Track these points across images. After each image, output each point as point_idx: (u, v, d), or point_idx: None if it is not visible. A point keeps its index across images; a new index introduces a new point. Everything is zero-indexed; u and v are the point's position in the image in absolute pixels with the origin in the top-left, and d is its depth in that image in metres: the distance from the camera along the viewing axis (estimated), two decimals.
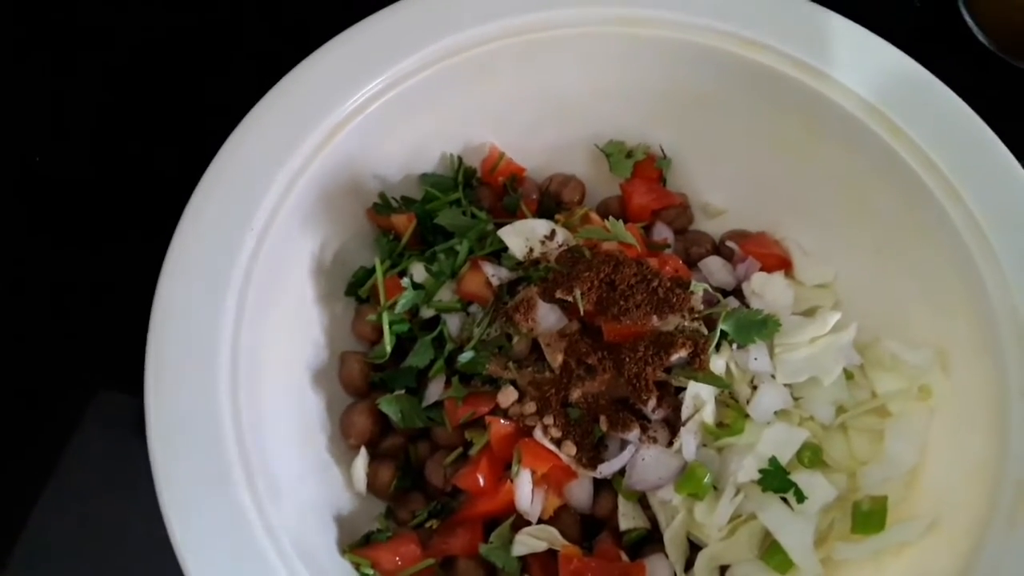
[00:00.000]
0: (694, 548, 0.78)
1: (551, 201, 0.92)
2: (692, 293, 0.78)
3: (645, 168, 0.93)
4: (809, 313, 0.86)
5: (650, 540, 0.78)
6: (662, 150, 0.94)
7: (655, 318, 0.76)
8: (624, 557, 0.76)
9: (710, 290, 0.82)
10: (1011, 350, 0.74)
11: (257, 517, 0.70)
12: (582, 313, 0.77)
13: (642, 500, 0.79)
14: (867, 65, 0.83)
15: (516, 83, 0.90)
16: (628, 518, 0.77)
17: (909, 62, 0.84)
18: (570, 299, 0.76)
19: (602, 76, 0.91)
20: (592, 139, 0.95)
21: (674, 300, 0.76)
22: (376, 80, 0.83)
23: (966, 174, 0.80)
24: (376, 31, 0.84)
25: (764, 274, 0.87)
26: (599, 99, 0.93)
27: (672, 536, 0.76)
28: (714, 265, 0.88)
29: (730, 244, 0.91)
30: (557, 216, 0.88)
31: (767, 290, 0.85)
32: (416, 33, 0.84)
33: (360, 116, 0.83)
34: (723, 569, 0.77)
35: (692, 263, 0.90)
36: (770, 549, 0.75)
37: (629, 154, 0.94)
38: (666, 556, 0.76)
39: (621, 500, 0.78)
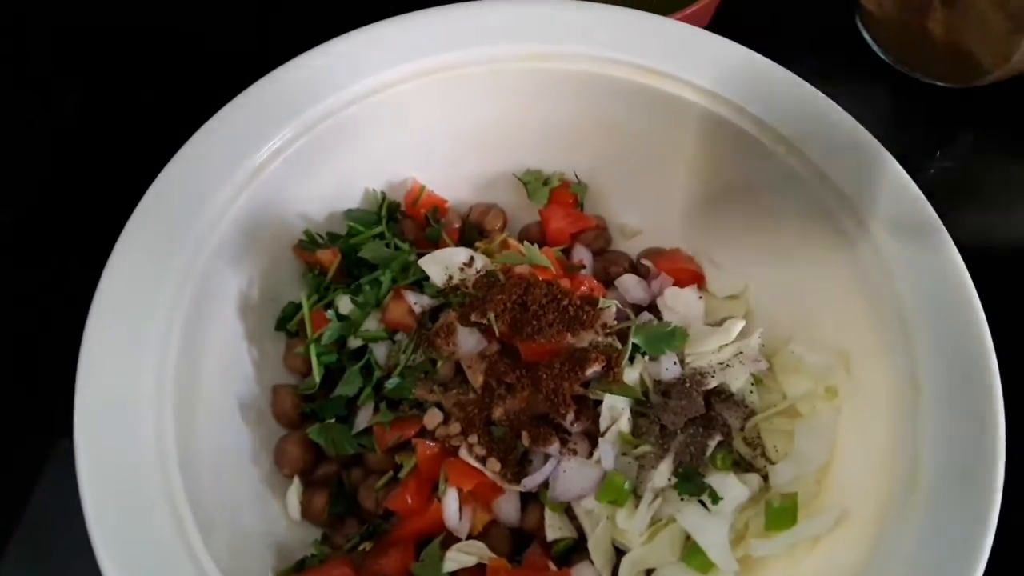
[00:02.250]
0: (621, 554, 0.80)
1: (473, 230, 0.96)
2: (603, 309, 0.82)
3: (561, 194, 0.97)
4: (723, 323, 0.90)
5: (578, 549, 0.81)
6: (576, 176, 0.99)
7: (568, 335, 0.80)
8: (552, 567, 0.79)
9: (620, 306, 0.86)
10: (899, 350, 0.77)
11: (185, 554, 0.71)
12: (498, 335, 0.80)
13: (568, 511, 0.81)
14: (761, 88, 0.88)
15: (434, 120, 0.94)
16: (555, 528, 0.80)
17: (799, 83, 0.88)
18: (485, 322, 0.80)
19: (516, 109, 0.95)
20: (512, 169, 1.00)
21: (584, 317, 0.80)
22: (293, 123, 0.86)
23: (858, 186, 0.83)
24: (292, 76, 0.87)
25: (676, 288, 0.91)
26: (515, 131, 0.97)
27: (596, 543, 0.79)
28: (629, 283, 0.92)
29: (645, 262, 0.95)
30: (477, 244, 0.91)
31: (678, 303, 0.89)
32: (332, 77, 0.88)
33: (280, 158, 0.86)
34: (648, 573, 0.80)
35: (610, 282, 0.94)
36: (690, 551, 0.78)
37: (546, 182, 0.98)
38: (592, 563, 0.79)
39: (547, 512, 0.80)
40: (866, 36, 1.16)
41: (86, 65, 1.14)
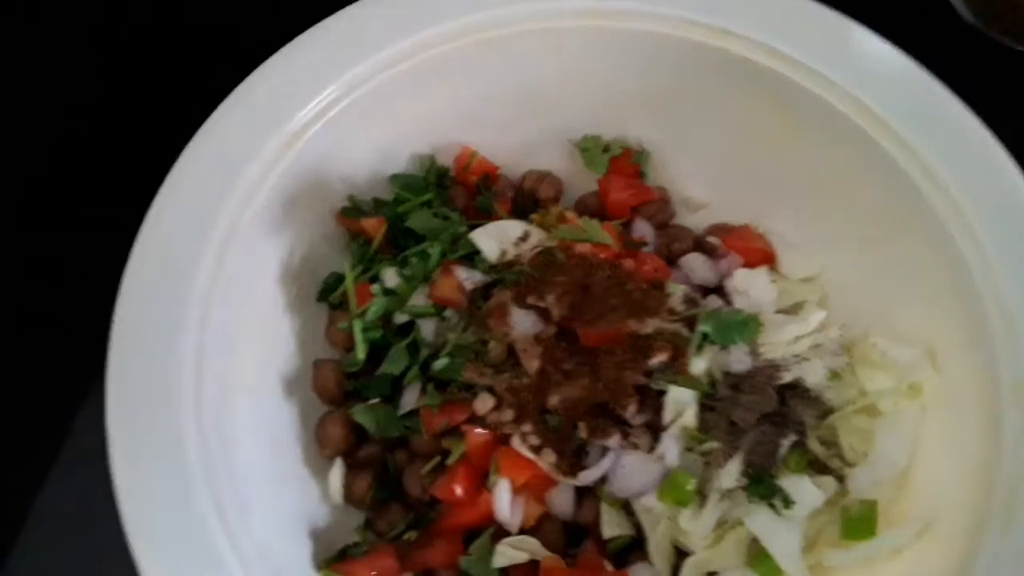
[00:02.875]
0: (681, 555, 0.75)
1: (526, 199, 0.90)
2: (670, 295, 0.76)
3: (622, 163, 0.91)
4: (794, 308, 0.84)
5: (636, 547, 0.76)
6: (640, 144, 0.92)
7: (632, 321, 0.74)
8: (608, 566, 0.74)
9: (690, 291, 0.80)
10: (1000, 344, 0.71)
11: (222, 533, 0.67)
12: (556, 318, 0.74)
13: (627, 507, 0.76)
14: (846, 54, 0.81)
15: (487, 80, 0.87)
16: (611, 526, 0.75)
17: (889, 48, 0.81)
18: (543, 305, 0.74)
19: (576, 70, 0.88)
20: (567, 134, 0.93)
21: (650, 303, 0.74)
22: (340, 80, 0.80)
23: (950, 163, 0.77)
24: (339, 31, 0.81)
25: (747, 270, 0.84)
26: (573, 94, 0.90)
27: (657, 544, 0.74)
28: (695, 262, 0.86)
29: (712, 239, 0.88)
30: (532, 215, 0.85)
31: (750, 287, 0.83)
32: (382, 31, 0.82)
33: (325, 118, 0.80)
34: None
35: (673, 260, 0.87)
36: (757, 556, 0.73)
37: (605, 149, 0.91)
38: (652, 564, 0.74)
39: (604, 507, 0.75)
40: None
41: (120, 24, 1.08)
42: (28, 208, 0.99)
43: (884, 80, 0.80)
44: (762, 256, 0.87)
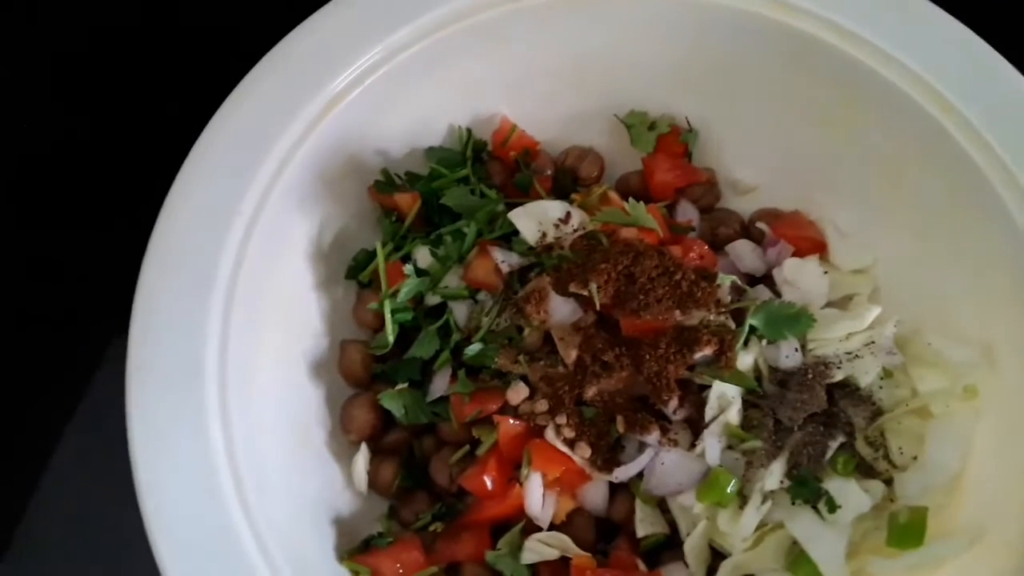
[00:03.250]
0: (717, 556, 0.73)
1: (567, 177, 0.86)
2: (718, 286, 0.72)
3: (669, 142, 0.87)
4: (845, 301, 0.80)
5: (669, 546, 0.74)
6: (688, 122, 0.88)
7: (678, 313, 0.70)
8: (641, 565, 0.72)
9: (738, 281, 0.76)
10: None
11: (243, 518, 0.66)
12: (598, 307, 0.71)
13: (662, 504, 0.74)
14: (916, 34, 0.76)
15: (530, 49, 0.84)
16: (646, 524, 0.72)
17: (963, 30, 0.77)
18: (585, 293, 0.70)
19: (623, 41, 0.84)
20: (612, 109, 0.89)
21: (698, 294, 0.71)
22: (376, 47, 0.77)
23: (1021, 154, 0.73)
24: None
25: (797, 260, 0.80)
26: (620, 66, 0.86)
27: (693, 545, 0.71)
28: (743, 249, 0.82)
29: (760, 225, 0.84)
30: (573, 195, 0.82)
31: (800, 278, 0.79)
32: None
33: (360, 87, 0.77)
34: None
35: (719, 246, 0.84)
36: (797, 560, 0.70)
37: (652, 126, 0.87)
38: (686, 565, 0.71)
39: (639, 504, 0.73)
40: None
41: (120, 22, 1.05)
42: (28, 207, 0.97)
43: (955, 62, 0.76)
44: (813, 245, 0.83)
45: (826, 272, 0.80)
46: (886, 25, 0.77)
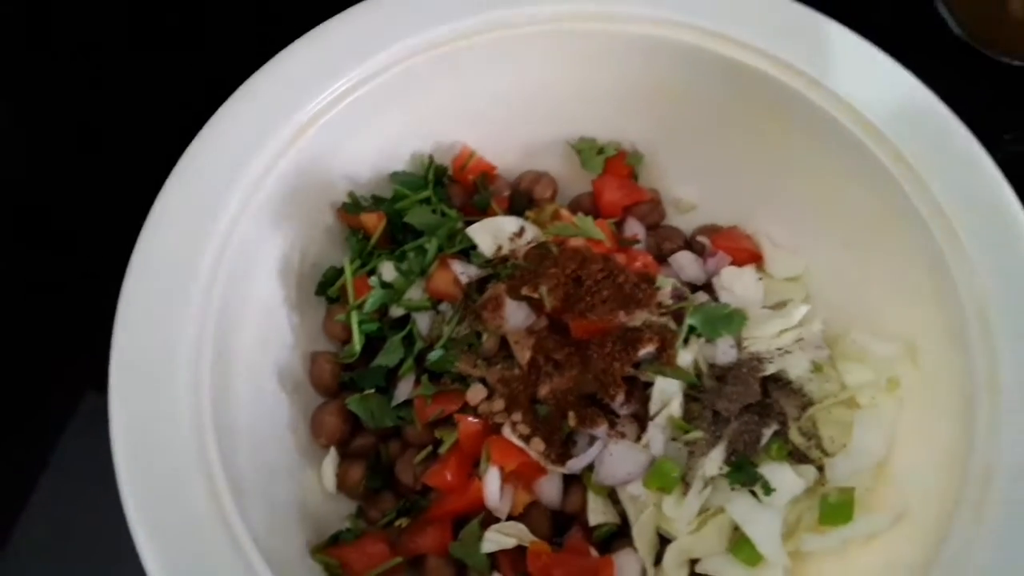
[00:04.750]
0: (665, 542, 0.77)
1: (523, 198, 0.92)
2: (659, 288, 0.78)
3: (616, 164, 0.93)
4: (780, 306, 0.86)
5: (621, 535, 0.78)
6: (633, 146, 0.94)
7: (622, 313, 0.76)
8: (594, 552, 0.76)
9: (678, 285, 0.82)
10: (977, 342, 0.73)
11: (218, 521, 0.69)
12: (548, 310, 0.77)
13: (612, 495, 0.79)
14: (840, 61, 0.83)
15: (487, 81, 0.90)
16: (598, 513, 0.77)
17: (881, 55, 0.84)
18: (536, 296, 0.76)
19: (574, 73, 0.90)
20: (565, 136, 0.95)
21: (640, 295, 0.76)
22: (343, 78, 0.82)
23: (935, 167, 0.79)
24: (343, 29, 0.83)
25: (734, 268, 0.87)
26: (571, 96, 0.93)
27: (641, 530, 0.76)
28: (684, 260, 0.88)
29: (701, 239, 0.91)
30: (528, 213, 0.88)
31: (736, 284, 0.85)
32: (384, 30, 0.84)
33: (327, 115, 0.82)
34: (693, 563, 0.77)
35: (664, 258, 0.90)
36: (739, 542, 0.75)
37: (600, 151, 0.94)
38: (636, 550, 0.76)
39: (591, 495, 0.78)
40: (942, 11, 1.10)
41: (124, 23, 1.11)
42: (24, 216, 1.01)
43: (874, 86, 0.82)
44: (749, 256, 0.89)
45: (760, 279, 0.86)
46: (812, 54, 0.84)
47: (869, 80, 0.83)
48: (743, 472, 0.75)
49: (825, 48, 0.84)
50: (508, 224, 0.84)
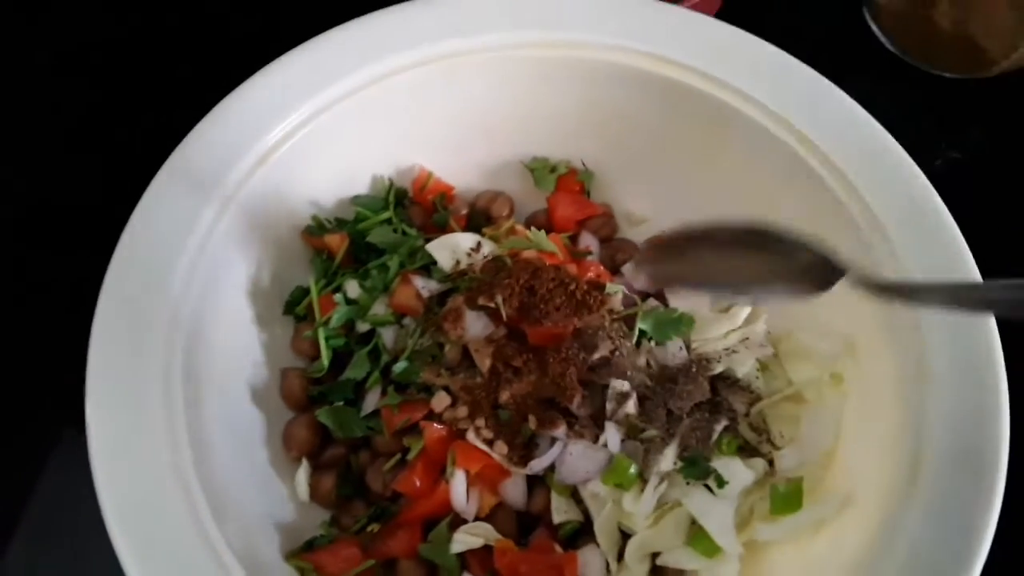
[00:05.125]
0: (627, 537, 0.81)
1: (480, 216, 0.97)
2: (610, 295, 0.82)
3: (568, 182, 0.98)
4: (729, 310, 0.91)
5: (584, 532, 0.81)
6: (583, 164, 0.99)
7: (575, 320, 0.80)
8: (559, 549, 0.80)
9: (626, 291, 0.86)
10: (906, 334, 0.78)
11: (197, 536, 0.71)
12: (506, 319, 0.81)
13: (575, 494, 0.82)
14: (770, 75, 0.88)
15: (442, 106, 0.94)
16: (561, 512, 0.81)
17: (813, 73, 0.89)
18: (493, 305, 0.80)
19: (523, 96, 0.95)
20: (519, 157, 1.00)
21: (591, 302, 0.80)
22: (302, 109, 0.86)
23: (865, 174, 0.84)
24: (303, 60, 0.87)
25: None
26: (522, 118, 0.97)
27: (602, 526, 0.79)
28: None
29: None
30: (484, 229, 0.92)
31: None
32: (340, 62, 0.88)
33: (289, 142, 0.86)
34: (654, 556, 0.80)
35: (617, 269, 0.94)
36: (696, 534, 0.79)
37: (552, 169, 0.98)
38: (599, 546, 0.80)
39: (554, 495, 0.81)
40: (873, 27, 1.16)
41: (94, 54, 1.15)
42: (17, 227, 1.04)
43: (809, 102, 0.87)
44: None
45: None
46: (746, 72, 0.89)
47: (798, 94, 0.88)
48: (696, 466, 0.79)
49: (756, 65, 0.90)
50: (465, 240, 0.88)
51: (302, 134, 0.87)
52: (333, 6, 0.93)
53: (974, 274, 0.79)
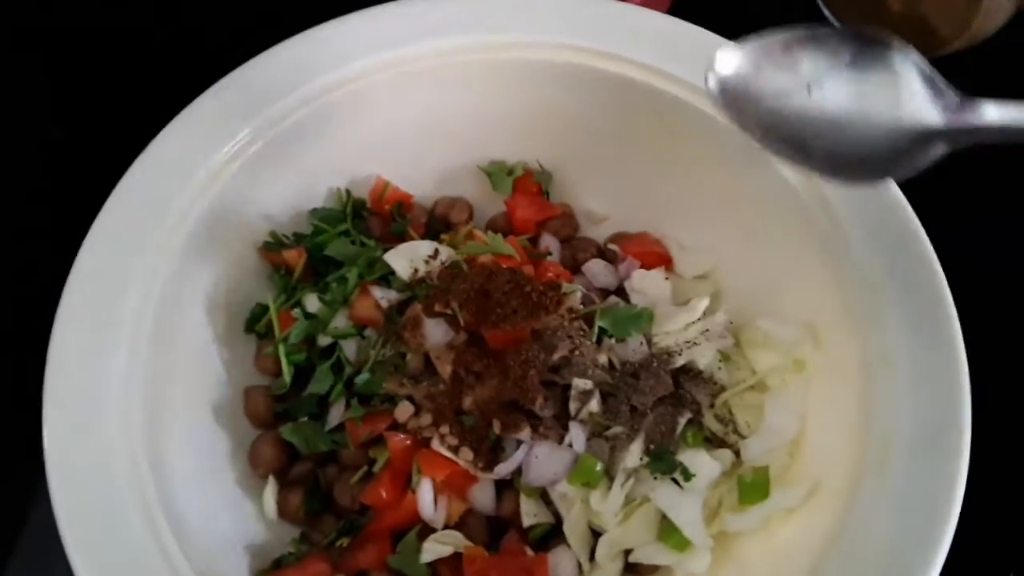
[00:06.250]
0: (598, 536, 0.81)
1: (439, 223, 0.96)
2: (567, 294, 0.82)
3: (525, 183, 0.97)
4: (688, 303, 0.90)
5: (556, 534, 0.81)
6: (540, 165, 0.99)
7: (533, 321, 0.80)
8: (530, 552, 0.79)
9: (586, 291, 0.86)
10: (868, 320, 0.78)
11: (160, 559, 0.71)
12: (464, 324, 0.80)
13: (544, 496, 0.82)
14: None
15: (395, 115, 0.94)
16: (530, 515, 0.80)
17: None
18: (449, 312, 0.80)
19: (476, 101, 0.95)
20: (475, 161, 0.99)
21: (548, 303, 0.80)
22: (252, 123, 0.85)
23: None
24: (250, 76, 0.87)
25: (642, 271, 0.91)
26: (476, 123, 0.97)
27: (572, 526, 0.79)
28: (596, 268, 0.92)
29: (612, 247, 0.95)
30: (443, 236, 0.92)
31: (645, 285, 0.89)
32: (289, 76, 0.87)
33: (240, 159, 0.85)
34: (626, 554, 0.80)
35: (579, 268, 0.94)
36: (666, 529, 0.79)
37: (509, 172, 0.98)
38: (570, 547, 0.79)
39: (523, 498, 0.80)
40: (823, 7, 1.16)
41: (53, 66, 1.14)
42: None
43: None
44: (658, 259, 0.93)
45: (667, 278, 0.90)
46: (693, 64, 0.88)
47: None
48: (662, 461, 0.79)
49: (703, 57, 0.89)
50: (423, 248, 0.87)
51: (253, 150, 0.86)
52: (280, 19, 0.92)
53: (930, 255, 0.79)
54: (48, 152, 1.09)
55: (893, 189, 0.81)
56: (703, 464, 0.79)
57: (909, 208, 0.80)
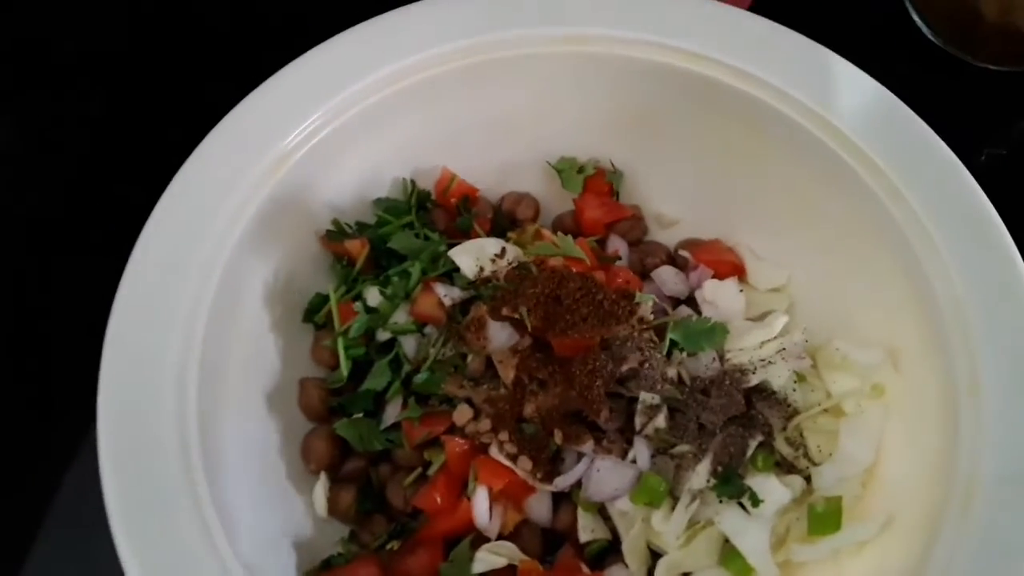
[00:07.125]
0: (656, 557, 0.78)
1: (505, 219, 0.93)
2: (639, 304, 0.79)
3: (596, 183, 0.94)
4: (763, 318, 0.87)
5: (612, 551, 0.78)
6: (612, 164, 0.95)
7: (603, 330, 0.77)
8: (585, 569, 0.77)
9: (657, 300, 0.83)
10: (957, 346, 0.74)
11: (208, 552, 0.69)
12: (530, 329, 0.77)
13: (603, 511, 0.79)
14: (813, 75, 0.84)
15: (466, 105, 0.91)
16: (588, 530, 0.77)
17: (853, 69, 0.85)
18: (517, 316, 0.77)
19: (551, 95, 0.92)
20: (545, 156, 0.96)
21: (619, 312, 0.77)
22: (323, 109, 0.83)
23: (908, 174, 0.80)
24: (319, 63, 0.84)
25: (715, 281, 0.87)
26: (549, 117, 0.94)
27: (631, 546, 0.76)
28: (667, 275, 0.89)
29: (683, 253, 0.92)
30: (510, 234, 0.89)
31: (718, 297, 0.86)
32: (362, 60, 0.85)
33: (308, 144, 0.83)
34: None
35: (647, 274, 0.91)
36: (729, 555, 0.76)
37: (580, 170, 0.95)
38: (627, 566, 0.77)
39: (580, 512, 0.78)
40: (915, 18, 1.11)
41: (114, 55, 1.13)
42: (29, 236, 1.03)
43: (849, 99, 0.83)
44: (731, 268, 0.90)
45: (742, 290, 0.87)
46: (781, 67, 0.85)
47: (836, 90, 0.84)
48: (730, 484, 0.76)
49: (793, 61, 0.85)
50: (489, 246, 0.84)
51: (321, 136, 0.84)
52: (352, 5, 0.90)
53: (1022, 278, 0.75)
54: (107, 140, 1.08)
55: (992, 213, 0.77)
56: (773, 490, 0.76)
57: (1007, 234, 0.76)
